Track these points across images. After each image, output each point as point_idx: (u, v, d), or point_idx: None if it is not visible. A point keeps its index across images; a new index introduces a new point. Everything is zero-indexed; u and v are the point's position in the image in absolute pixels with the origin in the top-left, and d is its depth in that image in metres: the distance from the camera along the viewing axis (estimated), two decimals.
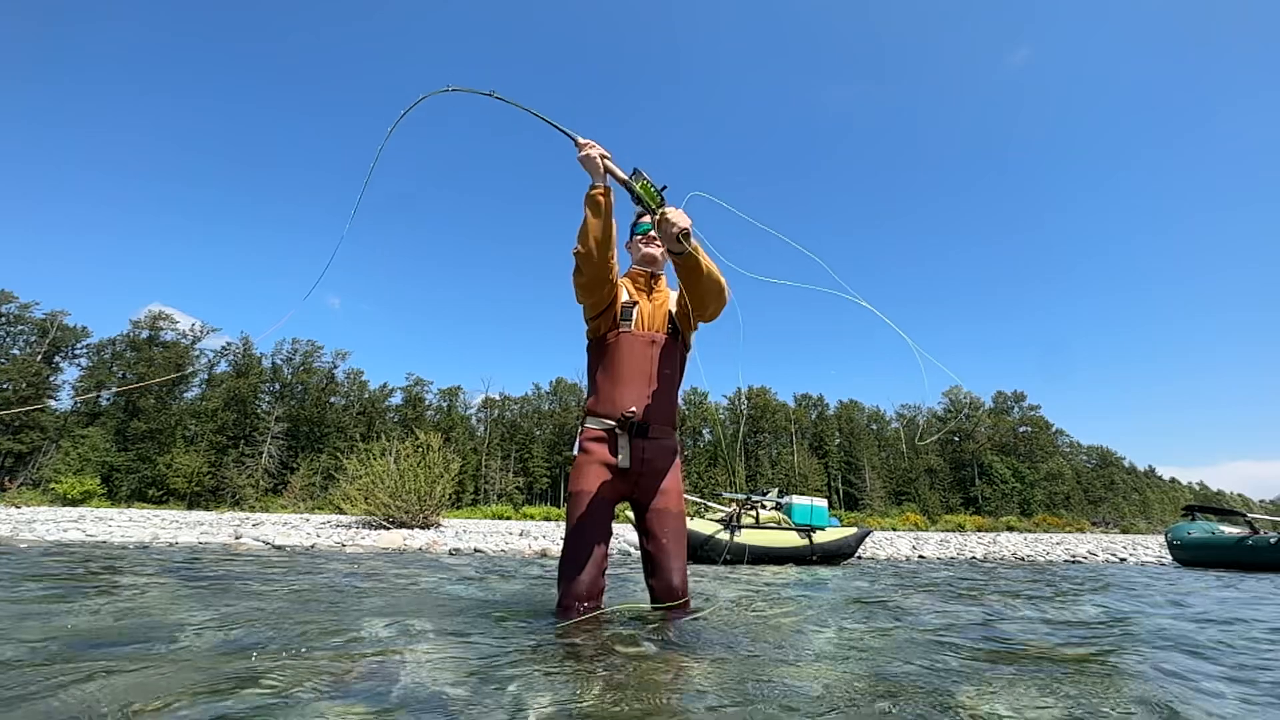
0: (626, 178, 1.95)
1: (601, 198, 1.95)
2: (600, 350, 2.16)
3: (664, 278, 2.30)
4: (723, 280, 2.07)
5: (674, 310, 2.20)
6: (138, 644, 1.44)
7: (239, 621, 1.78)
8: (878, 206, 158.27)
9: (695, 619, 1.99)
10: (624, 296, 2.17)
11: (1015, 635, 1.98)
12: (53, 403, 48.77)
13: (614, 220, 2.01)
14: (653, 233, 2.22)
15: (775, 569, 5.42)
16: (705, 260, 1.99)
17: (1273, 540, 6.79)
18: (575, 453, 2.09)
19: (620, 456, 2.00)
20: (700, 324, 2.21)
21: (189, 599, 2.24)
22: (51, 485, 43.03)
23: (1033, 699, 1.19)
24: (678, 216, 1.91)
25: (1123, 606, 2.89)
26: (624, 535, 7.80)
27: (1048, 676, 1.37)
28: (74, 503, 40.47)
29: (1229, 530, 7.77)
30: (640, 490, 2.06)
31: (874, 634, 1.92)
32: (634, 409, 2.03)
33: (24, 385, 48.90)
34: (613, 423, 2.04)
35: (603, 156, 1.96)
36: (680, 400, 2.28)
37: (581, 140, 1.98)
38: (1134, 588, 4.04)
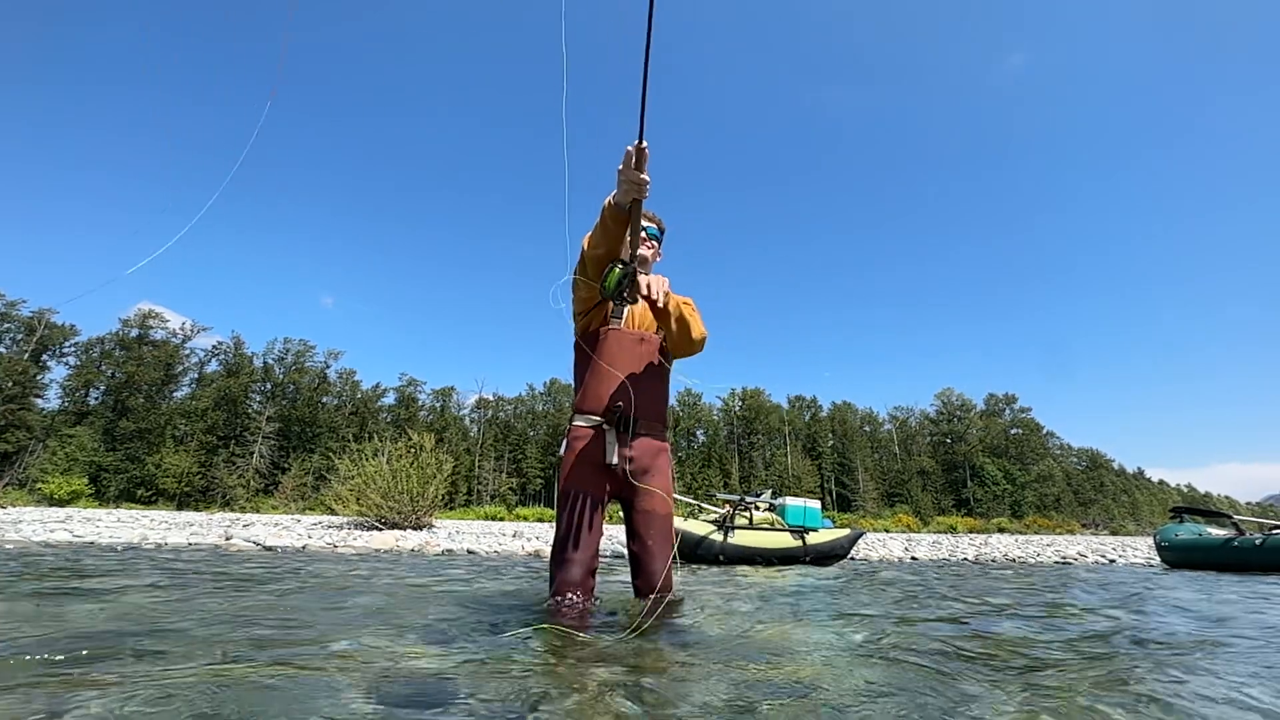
0: (627, 242, 1.86)
1: (625, 218, 1.83)
2: (588, 347, 2.15)
3: None
4: (694, 332, 2.09)
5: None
6: (132, 642, 1.43)
7: (228, 621, 1.76)
8: (878, 207, 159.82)
9: (681, 620, 1.99)
10: None
11: (1004, 636, 1.99)
12: None
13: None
14: (643, 235, 2.22)
15: (768, 570, 5.44)
16: (677, 311, 2.04)
17: (1257, 542, 6.87)
18: (563, 452, 2.09)
19: (607, 454, 2.00)
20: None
21: (179, 599, 2.22)
22: (38, 485, 42.48)
23: (1016, 700, 1.20)
24: (658, 286, 1.88)
25: (1112, 609, 2.92)
26: (616, 536, 7.80)
27: (1028, 678, 1.39)
28: (61, 503, 39.97)
29: (1216, 532, 7.86)
30: (628, 489, 2.06)
31: (865, 635, 1.93)
32: (620, 404, 2.03)
33: (10, 384, 48.27)
34: (600, 419, 2.04)
35: (643, 189, 1.76)
36: (674, 401, 2.30)
37: (641, 147, 1.68)
38: (1118, 589, 4.08)
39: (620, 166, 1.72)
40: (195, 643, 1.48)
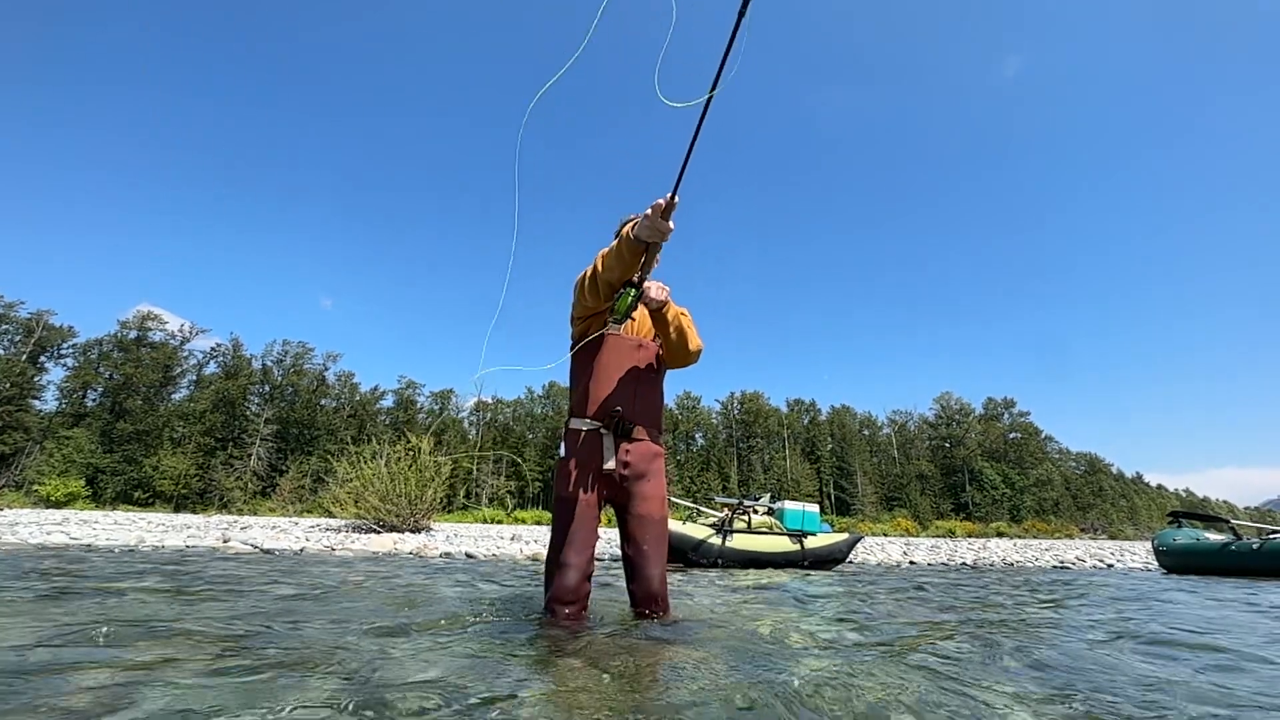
0: (639, 273, 1.96)
1: (642, 251, 1.87)
2: (586, 352, 2.16)
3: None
4: (690, 343, 2.19)
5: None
6: (123, 643, 1.43)
7: (222, 623, 1.77)
8: (876, 208, 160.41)
9: (675, 623, 2.00)
10: None
11: (988, 638, 2.00)
12: None
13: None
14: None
15: (765, 574, 5.43)
16: (676, 321, 2.13)
17: (1254, 546, 6.88)
18: (560, 455, 2.09)
19: (604, 458, 2.01)
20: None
21: (177, 601, 2.22)
22: (35, 487, 42.31)
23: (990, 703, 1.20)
24: (657, 292, 2.08)
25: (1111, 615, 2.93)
26: (614, 540, 7.78)
27: (1008, 679, 1.39)
28: (58, 505, 39.83)
29: (1213, 537, 7.86)
30: (623, 494, 2.06)
31: (858, 637, 1.94)
32: (619, 409, 2.04)
33: (8, 385, 48.14)
34: (598, 423, 2.05)
35: (665, 236, 1.87)
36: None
37: (673, 201, 1.78)
38: (1118, 596, 4.08)
39: (648, 210, 1.80)
40: (187, 644, 1.48)
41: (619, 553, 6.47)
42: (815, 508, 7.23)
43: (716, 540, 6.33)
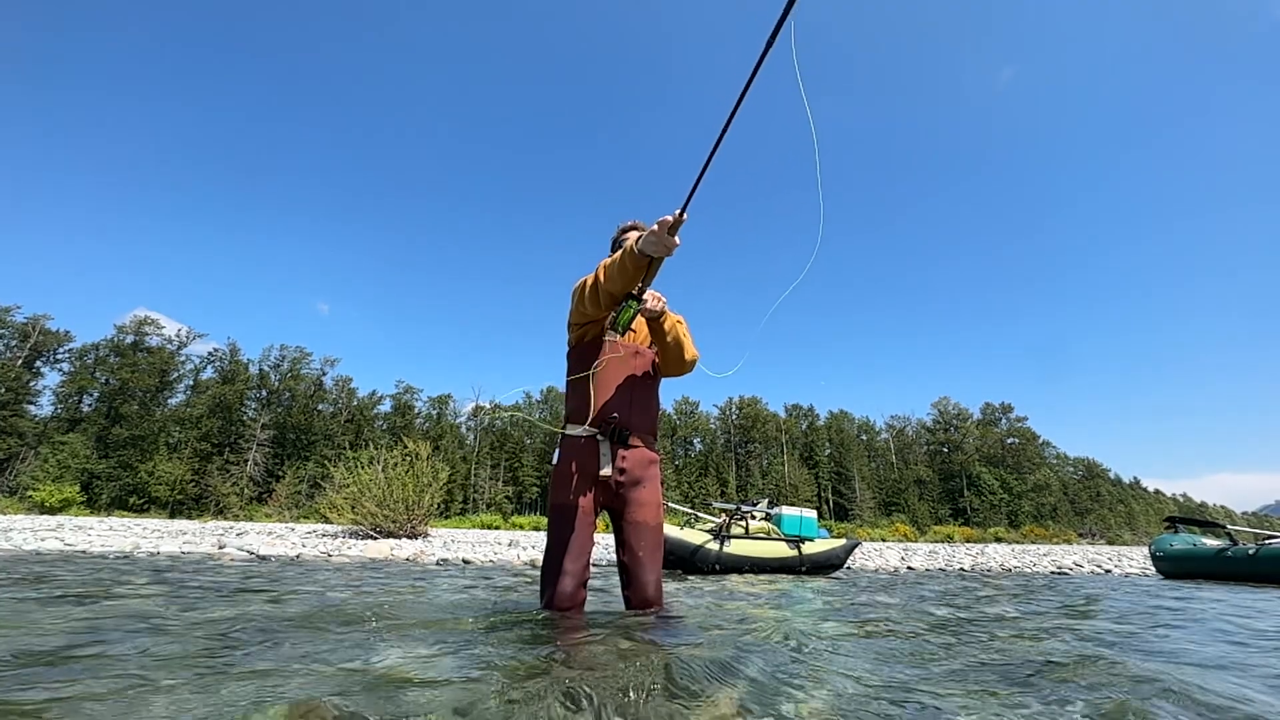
0: (642, 284, 1.99)
1: (645, 264, 1.88)
2: (583, 358, 2.17)
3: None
4: (687, 353, 2.22)
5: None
6: (115, 649, 1.43)
7: (215, 628, 1.76)
8: (875, 214, 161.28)
9: (669, 627, 2.00)
10: None
11: (979, 644, 2.00)
12: None
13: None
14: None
15: (763, 579, 5.43)
16: (673, 331, 2.16)
17: (1250, 552, 6.89)
18: (555, 462, 2.10)
19: (600, 465, 2.02)
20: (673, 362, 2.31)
21: (173, 606, 2.22)
22: (29, 493, 42.04)
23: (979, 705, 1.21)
24: (653, 301, 2.10)
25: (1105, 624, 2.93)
26: (610, 546, 7.76)
27: (996, 684, 1.40)
28: (52, 511, 39.55)
29: (1210, 542, 7.88)
30: (619, 500, 2.07)
31: (845, 640, 1.94)
32: (616, 415, 2.04)
33: (3, 390, 47.92)
34: (594, 430, 2.05)
35: (670, 251, 1.89)
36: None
37: (681, 218, 1.80)
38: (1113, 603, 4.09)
39: (655, 225, 1.80)
40: (185, 646, 1.48)
41: (614, 558, 6.46)
42: (813, 513, 7.23)
43: (714, 546, 6.32)
